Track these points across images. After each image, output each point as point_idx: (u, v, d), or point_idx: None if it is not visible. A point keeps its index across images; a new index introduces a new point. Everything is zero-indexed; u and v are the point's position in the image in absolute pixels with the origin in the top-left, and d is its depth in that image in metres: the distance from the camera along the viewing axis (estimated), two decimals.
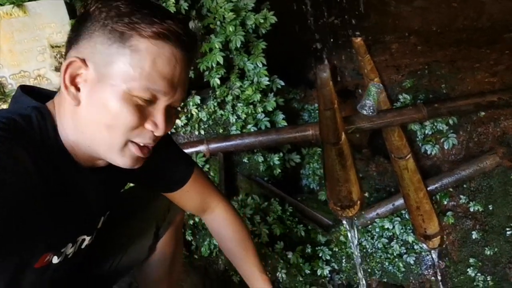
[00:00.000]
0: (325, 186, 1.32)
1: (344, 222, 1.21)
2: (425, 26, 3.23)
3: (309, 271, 1.80)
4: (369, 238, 1.93)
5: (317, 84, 2.65)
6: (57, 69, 1.92)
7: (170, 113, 0.77)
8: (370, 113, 1.91)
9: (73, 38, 0.73)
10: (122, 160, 0.76)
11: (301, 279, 1.78)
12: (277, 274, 1.75)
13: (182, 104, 2.24)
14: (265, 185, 2.11)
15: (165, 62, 0.70)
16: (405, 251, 1.88)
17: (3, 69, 1.84)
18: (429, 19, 3.18)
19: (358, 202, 1.24)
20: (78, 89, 0.72)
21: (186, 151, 2.11)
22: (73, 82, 0.72)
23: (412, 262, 1.86)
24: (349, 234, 1.17)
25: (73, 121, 0.74)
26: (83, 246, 0.91)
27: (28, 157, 0.67)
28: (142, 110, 0.72)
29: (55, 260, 0.83)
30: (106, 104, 0.70)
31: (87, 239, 0.92)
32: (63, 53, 1.99)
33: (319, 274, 1.84)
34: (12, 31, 1.82)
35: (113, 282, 1.20)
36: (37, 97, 0.77)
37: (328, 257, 1.89)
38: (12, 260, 0.74)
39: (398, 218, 1.91)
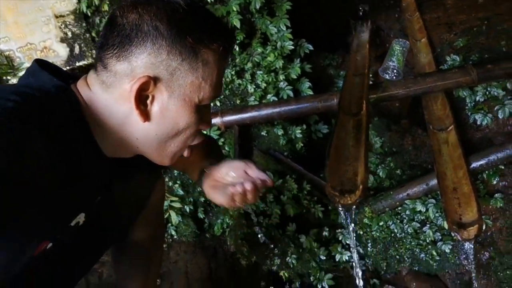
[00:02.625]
0: (326, 165, 1.12)
1: (340, 210, 1.01)
2: None
3: (324, 257, 1.62)
4: (398, 221, 1.69)
5: (353, 46, 2.36)
6: (63, 40, 1.85)
7: None
8: (394, 77, 1.62)
9: (119, 46, 0.68)
10: (169, 162, 0.80)
11: (314, 265, 1.60)
12: (287, 259, 1.59)
13: None
14: (284, 160, 1.93)
15: (223, 68, 0.75)
16: (440, 237, 1.62)
17: (10, 42, 1.81)
18: None
19: (361, 187, 1.02)
20: (145, 105, 0.71)
21: None
22: (141, 99, 0.70)
23: (447, 250, 1.60)
24: (347, 226, 0.98)
25: (124, 127, 0.73)
26: (73, 224, 0.83)
27: (43, 138, 0.62)
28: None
29: (49, 245, 0.77)
30: (179, 118, 0.72)
31: (75, 220, 0.83)
32: (68, 23, 1.94)
33: (337, 259, 1.65)
34: (16, 2, 1.77)
35: (94, 263, 1.11)
36: (57, 76, 0.73)
37: (349, 241, 1.70)
38: (9, 247, 0.68)
39: (433, 200, 1.64)
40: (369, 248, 1.75)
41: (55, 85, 0.71)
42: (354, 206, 1.04)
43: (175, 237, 1.87)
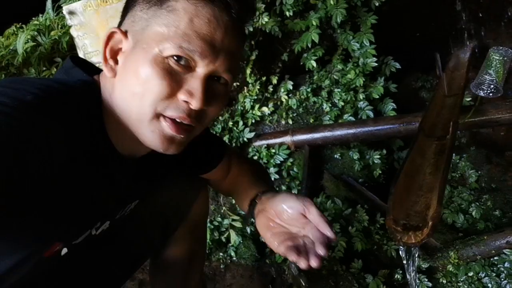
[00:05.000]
0: (391, 193, 0.93)
1: (401, 251, 0.82)
2: None
3: None
4: (493, 274, 1.38)
5: (449, 65, 2.08)
6: None
7: (214, 87, 0.68)
8: (490, 94, 1.33)
9: (122, 16, 0.71)
10: (152, 137, 0.67)
11: None
12: None
13: (272, 90, 2.03)
14: (357, 188, 1.73)
15: (203, 22, 0.64)
16: None
17: (99, 55, 1.94)
18: None
19: (430, 223, 0.82)
20: (116, 62, 0.68)
21: (268, 142, 1.90)
22: (113, 55, 0.68)
23: None
24: (406, 271, 0.78)
25: (111, 95, 0.69)
26: (97, 233, 0.80)
27: (58, 132, 0.60)
28: (175, 76, 0.64)
29: (64, 251, 0.74)
30: (136, 70, 0.65)
31: (100, 229, 0.80)
32: None
33: None
34: (107, 18, 1.90)
35: (124, 278, 1.07)
36: (88, 71, 0.73)
37: None
38: (22, 246, 0.67)
39: None
40: None
41: (81, 79, 0.69)
42: (416, 248, 0.84)
43: (234, 258, 1.78)
